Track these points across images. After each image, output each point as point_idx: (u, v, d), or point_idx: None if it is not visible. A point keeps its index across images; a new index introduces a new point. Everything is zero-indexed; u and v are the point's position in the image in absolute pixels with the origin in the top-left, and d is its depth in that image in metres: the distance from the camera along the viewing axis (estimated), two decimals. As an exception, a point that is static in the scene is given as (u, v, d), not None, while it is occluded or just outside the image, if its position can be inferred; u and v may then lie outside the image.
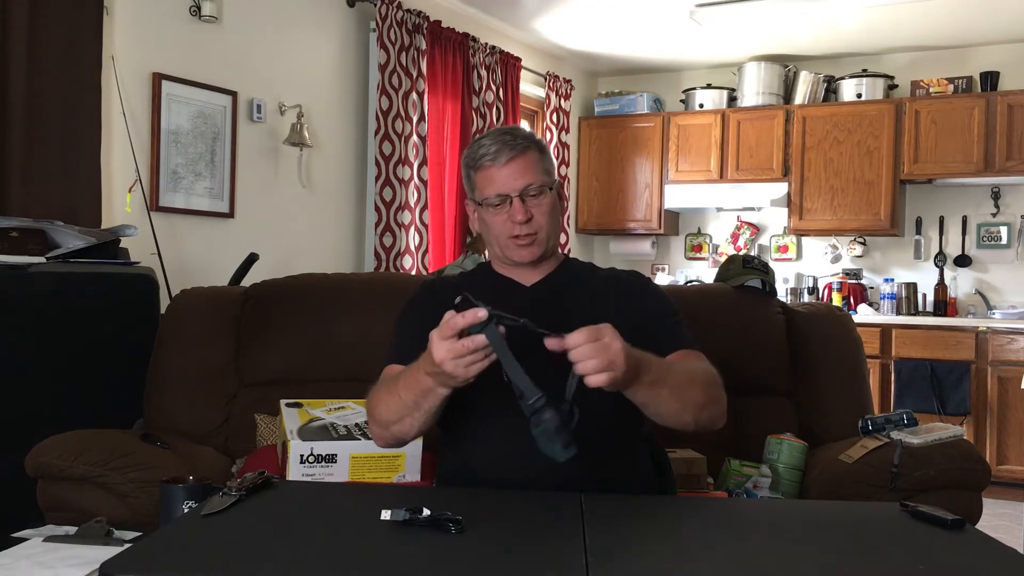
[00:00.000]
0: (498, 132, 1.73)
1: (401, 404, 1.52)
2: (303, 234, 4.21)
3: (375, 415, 1.61)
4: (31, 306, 2.42)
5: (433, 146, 4.81)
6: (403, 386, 1.51)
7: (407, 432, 1.59)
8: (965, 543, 1.22)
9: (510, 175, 1.67)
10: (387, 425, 1.59)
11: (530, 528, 1.26)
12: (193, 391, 2.44)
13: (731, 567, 1.13)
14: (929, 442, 2.08)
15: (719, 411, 1.62)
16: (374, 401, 1.61)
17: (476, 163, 1.70)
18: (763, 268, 2.68)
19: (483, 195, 1.70)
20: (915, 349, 5.31)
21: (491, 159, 1.68)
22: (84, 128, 3.12)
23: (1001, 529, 4.16)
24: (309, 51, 4.23)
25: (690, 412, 1.56)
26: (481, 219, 1.75)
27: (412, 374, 1.49)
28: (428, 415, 1.53)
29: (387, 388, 1.58)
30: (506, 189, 1.68)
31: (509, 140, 1.69)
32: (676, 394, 1.54)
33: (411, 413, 1.53)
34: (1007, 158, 5.34)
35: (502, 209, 1.68)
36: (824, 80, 5.95)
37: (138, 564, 1.06)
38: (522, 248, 1.71)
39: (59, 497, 2.02)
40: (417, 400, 1.50)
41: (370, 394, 1.64)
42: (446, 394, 1.47)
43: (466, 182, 1.76)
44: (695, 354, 1.69)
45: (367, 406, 1.65)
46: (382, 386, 1.62)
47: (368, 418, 1.65)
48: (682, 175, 6.18)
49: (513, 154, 1.68)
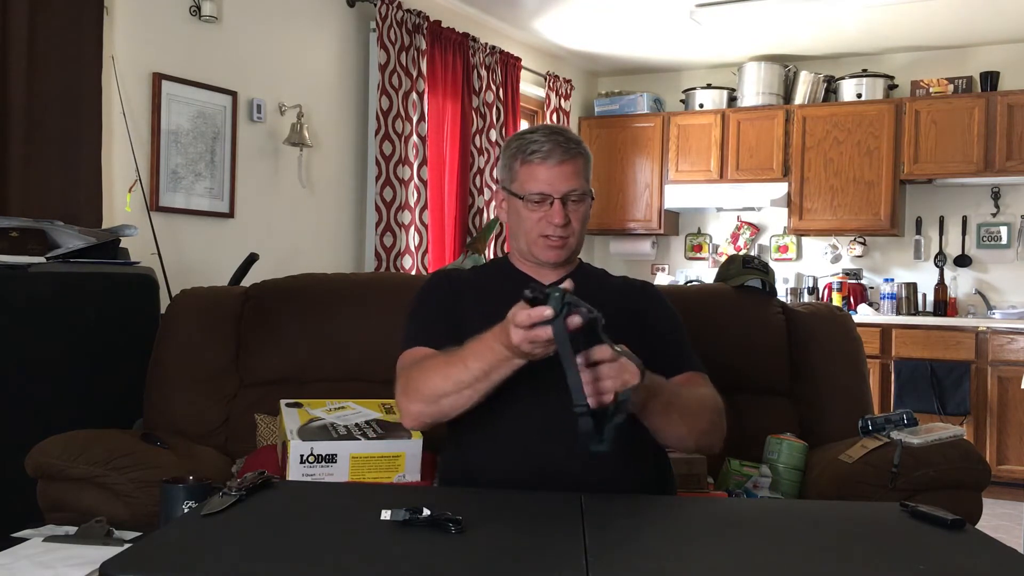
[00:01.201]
0: (549, 130, 1.71)
1: (468, 374, 1.50)
2: (303, 234, 4.21)
3: (422, 390, 1.57)
4: (31, 306, 2.42)
5: (433, 146, 4.81)
6: (471, 356, 1.49)
7: (458, 407, 1.56)
8: (965, 543, 1.22)
9: (557, 177, 1.67)
10: (436, 399, 1.56)
11: (530, 528, 1.26)
12: (193, 391, 2.44)
13: (731, 567, 1.13)
14: (929, 442, 2.08)
15: (719, 438, 1.70)
16: (419, 376, 1.58)
17: (525, 155, 1.69)
18: (763, 268, 2.68)
19: (524, 189, 1.69)
20: (915, 349, 5.31)
21: (542, 157, 1.67)
22: (84, 128, 3.12)
23: (1001, 529, 4.16)
24: (309, 51, 4.23)
25: (693, 438, 1.64)
26: (513, 209, 1.73)
27: (484, 344, 1.48)
28: (491, 388, 1.51)
29: (443, 361, 1.55)
30: (550, 190, 1.67)
31: (562, 141, 1.68)
32: (684, 420, 1.60)
33: (474, 384, 1.51)
34: (1007, 158, 5.34)
35: (540, 207, 1.68)
36: (824, 80, 5.95)
37: (138, 564, 1.06)
38: (551, 249, 1.71)
39: (59, 497, 2.02)
40: (488, 370, 1.48)
41: (407, 373, 1.61)
42: (521, 365, 1.46)
43: (504, 169, 1.75)
44: (701, 377, 1.73)
45: (404, 385, 1.61)
46: (431, 360, 1.58)
47: (405, 396, 1.61)
48: (682, 175, 6.18)
49: (565, 158, 1.67)
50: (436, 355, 1.60)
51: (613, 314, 1.74)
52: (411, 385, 1.60)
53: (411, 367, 1.63)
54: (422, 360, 1.62)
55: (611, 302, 1.78)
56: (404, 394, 1.62)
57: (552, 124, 1.76)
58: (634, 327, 1.73)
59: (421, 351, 1.66)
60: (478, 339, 1.50)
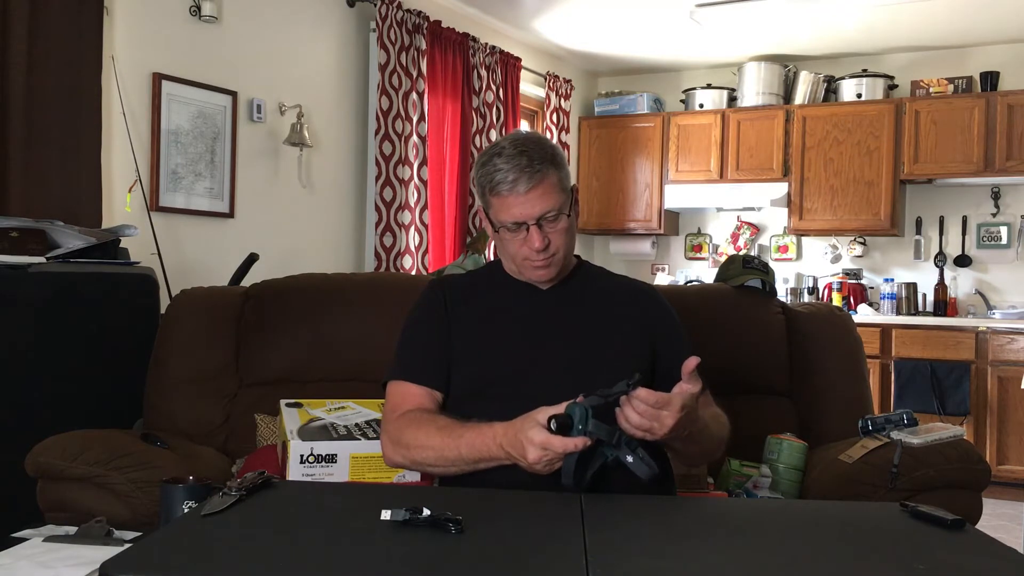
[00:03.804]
0: (514, 152, 1.64)
1: (459, 459, 1.55)
2: (303, 234, 4.21)
3: (411, 453, 1.61)
4: (31, 306, 2.42)
5: (433, 146, 4.81)
6: (467, 446, 1.54)
7: (439, 474, 1.65)
8: (965, 543, 1.22)
9: (528, 204, 1.63)
10: (422, 466, 1.63)
11: (530, 528, 1.26)
12: (193, 391, 2.44)
13: (731, 567, 1.13)
14: (929, 442, 2.08)
15: (720, 453, 1.81)
16: (412, 441, 1.61)
17: (492, 188, 1.65)
18: (763, 268, 2.68)
19: (499, 219, 1.67)
20: (915, 349, 5.31)
21: (508, 188, 1.63)
22: (84, 128, 3.12)
23: (1001, 529, 4.16)
24: (309, 51, 4.23)
25: (704, 459, 1.82)
26: (494, 235, 1.73)
27: (484, 441, 1.52)
28: (474, 470, 1.57)
29: (438, 436, 1.58)
30: (523, 217, 1.64)
31: (526, 165, 1.62)
32: (702, 448, 1.68)
33: (460, 465, 1.57)
34: (1007, 158, 5.34)
35: (518, 234, 1.66)
36: (824, 80, 5.95)
37: (138, 564, 1.06)
38: (538, 270, 1.70)
39: (59, 497, 2.02)
40: (478, 461, 1.54)
41: (399, 426, 1.64)
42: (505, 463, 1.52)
43: (480, 197, 1.73)
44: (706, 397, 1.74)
45: (395, 436, 1.64)
46: (427, 427, 1.61)
47: (392, 446, 1.65)
48: (682, 175, 6.18)
49: (532, 183, 1.62)
50: (430, 423, 1.62)
51: (617, 313, 1.76)
52: (401, 441, 1.63)
53: (404, 422, 1.64)
54: (416, 420, 1.63)
55: (616, 302, 1.78)
56: (392, 445, 1.65)
57: (518, 136, 1.70)
58: (640, 334, 1.73)
59: (410, 391, 1.69)
60: (479, 431, 1.53)
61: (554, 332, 1.71)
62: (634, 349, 1.70)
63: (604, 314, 1.74)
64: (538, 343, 1.69)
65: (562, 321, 1.72)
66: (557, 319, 1.73)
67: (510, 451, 1.47)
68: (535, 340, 1.70)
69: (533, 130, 6.04)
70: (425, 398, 1.69)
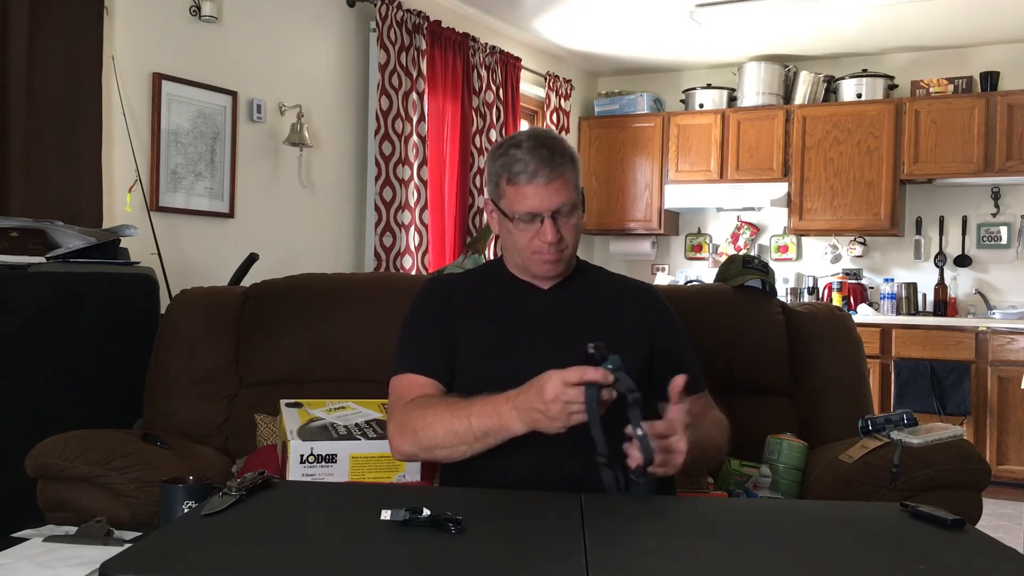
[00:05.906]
0: (535, 143, 1.63)
1: (469, 431, 1.51)
2: (303, 234, 4.21)
3: (420, 437, 1.57)
4: (31, 306, 2.42)
5: (433, 146, 4.81)
6: (476, 414, 1.50)
7: (450, 458, 1.59)
8: (965, 543, 1.22)
9: (545, 195, 1.62)
10: (432, 448, 1.57)
11: (530, 528, 1.26)
12: (193, 391, 2.44)
13: (731, 567, 1.13)
14: (929, 442, 2.07)
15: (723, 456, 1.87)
16: (420, 422, 1.58)
17: (510, 176, 1.64)
18: (763, 268, 2.68)
19: (512, 209, 1.65)
20: (915, 349, 5.31)
21: (528, 177, 1.62)
22: (84, 128, 3.12)
23: (1001, 529, 4.16)
24: (309, 51, 4.23)
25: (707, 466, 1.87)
26: (503, 227, 1.70)
27: (493, 405, 1.49)
28: (484, 449, 1.53)
29: (447, 411, 1.55)
30: (539, 209, 1.63)
31: (547, 157, 1.62)
32: (703, 459, 1.70)
33: (471, 442, 1.52)
34: (1007, 158, 5.34)
35: (531, 226, 1.65)
36: (824, 80, 5.95)
37: (138, 564, 1.06)
38: (547, 264, 1.69)
39: (59, 497, 2.02)
40: (489, 431, 1.50)
41: (406, 412, 1.62)
42: (520, 434, 1.48)
43: (491, 184, 1.70)
44: (707, 396, 1.75)
45: (400, 422, 1.61)
46: (434, 407, 1.58)
47: (400, 434, 1.61)
48: (682, 175, 6.18)
49: (552, 176, 1.62)
50: (439, 402, 1.60)
51: (618, 314, 1.75)
52: (408, 425, 1.60)
53: (411, 407, 1.62)
54: (423, 402, 1.61)
55: (616, 303, 1.78)
56: (399, 432, 1.61)
57: (536, 131, 1.70)
58: (639, 334, 1.73)
59: (416, 381, 1.66)
60: (489, 399, 1.51)
61: (555, 331, 1.71)
62: (634, 349, 1.70)
63: (604, 313, 1.75)
64: (539, 341, 1.69)
65: (563, 320, 1.72)
66: (558, 318, 1.73)
67: (524, 410, 1.44)
68: (536, 338, 1.70)
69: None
70: (431, 388, 1.67)
